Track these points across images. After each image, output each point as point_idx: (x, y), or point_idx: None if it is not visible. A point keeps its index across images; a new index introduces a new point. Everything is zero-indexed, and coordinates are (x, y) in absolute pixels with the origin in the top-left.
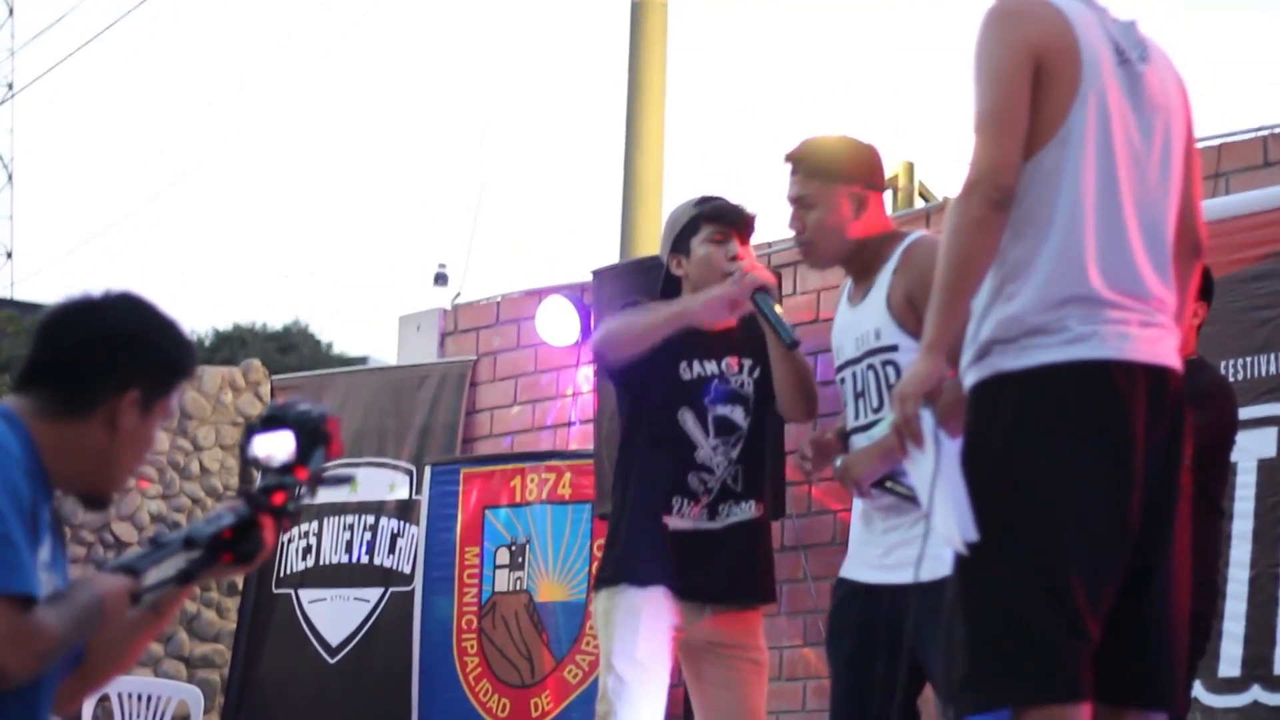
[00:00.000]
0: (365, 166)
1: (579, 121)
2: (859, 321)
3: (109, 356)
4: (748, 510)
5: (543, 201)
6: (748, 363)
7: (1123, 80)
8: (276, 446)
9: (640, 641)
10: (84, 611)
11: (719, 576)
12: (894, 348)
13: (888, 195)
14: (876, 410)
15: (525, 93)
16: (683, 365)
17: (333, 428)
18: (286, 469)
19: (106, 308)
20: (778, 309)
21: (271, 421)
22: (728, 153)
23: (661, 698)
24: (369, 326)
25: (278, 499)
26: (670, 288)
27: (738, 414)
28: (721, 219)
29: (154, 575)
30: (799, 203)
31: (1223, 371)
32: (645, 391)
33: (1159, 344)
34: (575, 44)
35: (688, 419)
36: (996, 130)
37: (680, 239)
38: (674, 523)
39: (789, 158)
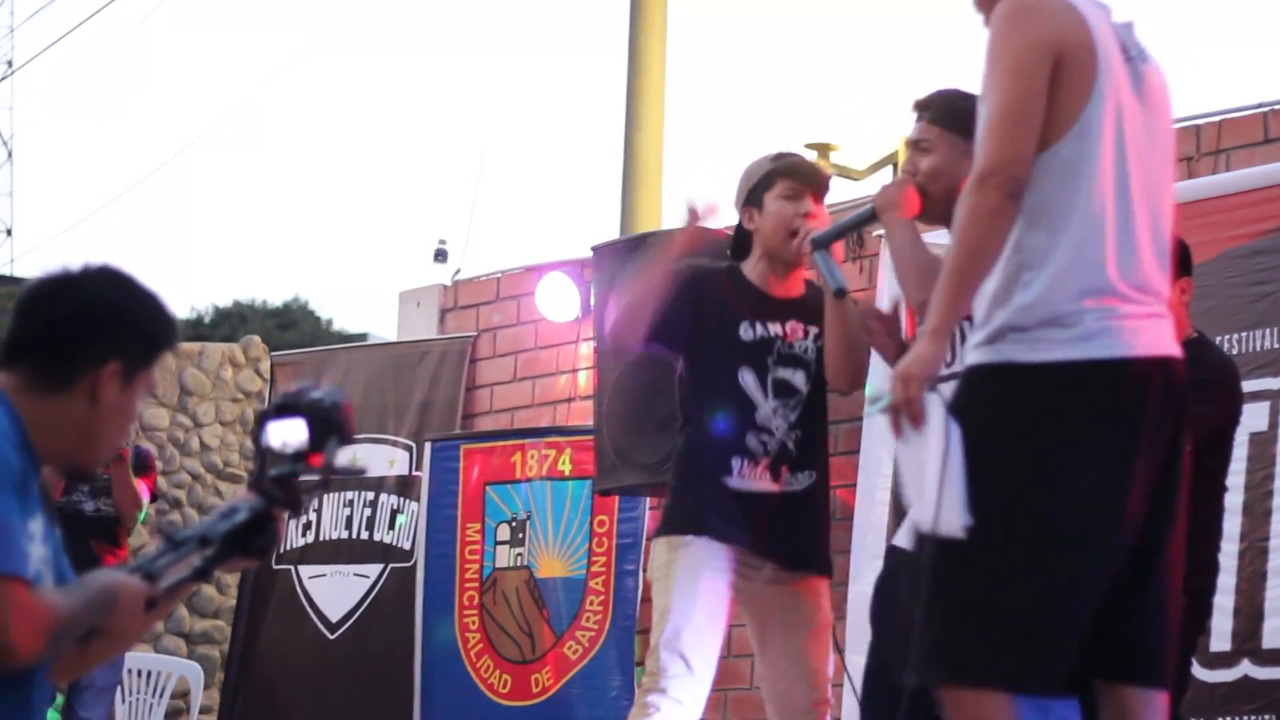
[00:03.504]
0: (366, 143)
1: (579, 97)
2: None
3: (88, 329)
4: (807, 479)
5: (543, 177)
6: (813, 330)
7: (1130, 77)
8: (290, 434)
9: (699, 602)
10: (96, 597)
11: (781, 541)
12: None
13: (887, 170)
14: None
15: (526, 68)
16: (743, 326)
17: (347, 415)
18: (299, 457)
19: (85, 281)
20: (833, 260)
21: (284, 409)
22: (728, 130)
23: (714, 658)
24: (369, 303)
25: (291, 489)
26: (741, 241)
27: (798, 378)
28: (797, 175)
29: (170, 575)
30: (916, 146)
31: (1218, 345)
32: (701, 351)
33: (1164, 334)
34: (576, 19)
35: (748, 379)
36: (1014, 123)
37: (754, 192)
38: (734, 483)
39: (918, 104)
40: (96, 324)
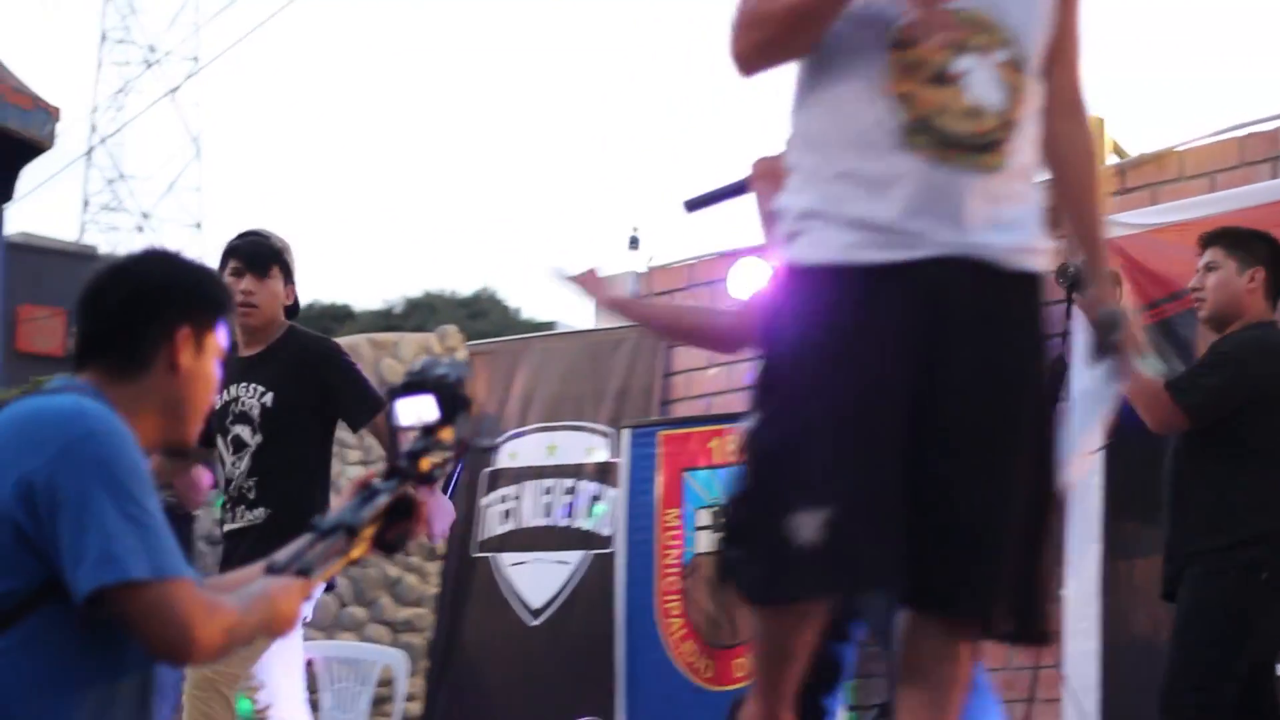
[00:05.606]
0: (560, 131)
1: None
2: None
3: (152, 304)
4: (258, 516)
5: (739, 162)
6: (259, 388)
7: None
8: (420, 410)
9: None
10: (261, 606)
11: (239, 565)
12: None
13: None
14: None
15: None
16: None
17: (473, 391)
18: (430, 433)
19: (135, 265)
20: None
21: (411, 386)
22: None
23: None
24: (557, 291)
25: (424, 465)
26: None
27: (245, 433)
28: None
29: (321, 567)
30: None
31: None
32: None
33: None
34: None
35: (219, 440)
36: None
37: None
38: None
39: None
40: (155, 299)
